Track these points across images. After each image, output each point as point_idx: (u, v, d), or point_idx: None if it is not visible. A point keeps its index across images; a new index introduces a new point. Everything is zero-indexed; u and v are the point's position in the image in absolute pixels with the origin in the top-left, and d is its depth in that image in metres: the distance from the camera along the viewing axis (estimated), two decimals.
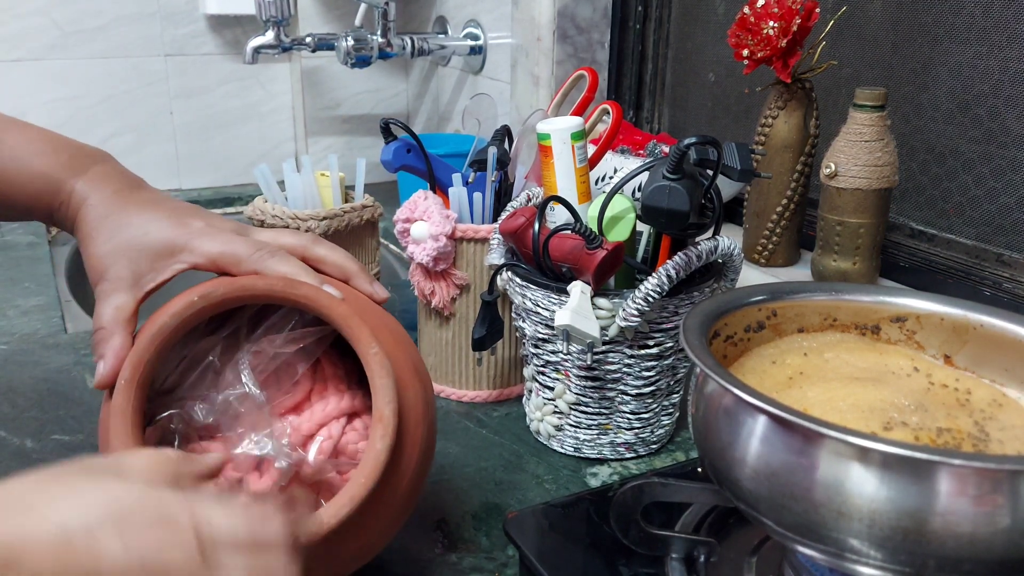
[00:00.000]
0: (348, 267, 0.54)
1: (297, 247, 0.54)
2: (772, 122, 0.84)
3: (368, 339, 0.47)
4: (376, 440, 0.45)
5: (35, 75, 1.38)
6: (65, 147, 0.57)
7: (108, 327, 0.50)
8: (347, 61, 1.36)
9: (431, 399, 0.53)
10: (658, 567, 0.52)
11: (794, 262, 0.91)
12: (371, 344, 0.47)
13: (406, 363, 0.51)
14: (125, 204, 0.54)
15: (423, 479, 0.52)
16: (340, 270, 0.54)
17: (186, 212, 0.54)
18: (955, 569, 0.39)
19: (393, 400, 0.46)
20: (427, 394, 0.52)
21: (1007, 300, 0.77)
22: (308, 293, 0.48)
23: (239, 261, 0.51)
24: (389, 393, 0.46)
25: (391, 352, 0.49)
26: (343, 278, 0.54)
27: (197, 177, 1.54)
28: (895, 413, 0.46)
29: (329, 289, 0.49)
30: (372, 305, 0.54)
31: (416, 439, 0.49)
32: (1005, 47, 0.76)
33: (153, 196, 0.56)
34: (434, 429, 0.53)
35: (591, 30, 1.18)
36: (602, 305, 0.63)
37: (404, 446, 0.48)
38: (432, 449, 0.53)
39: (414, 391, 0.50)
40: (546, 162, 0.69)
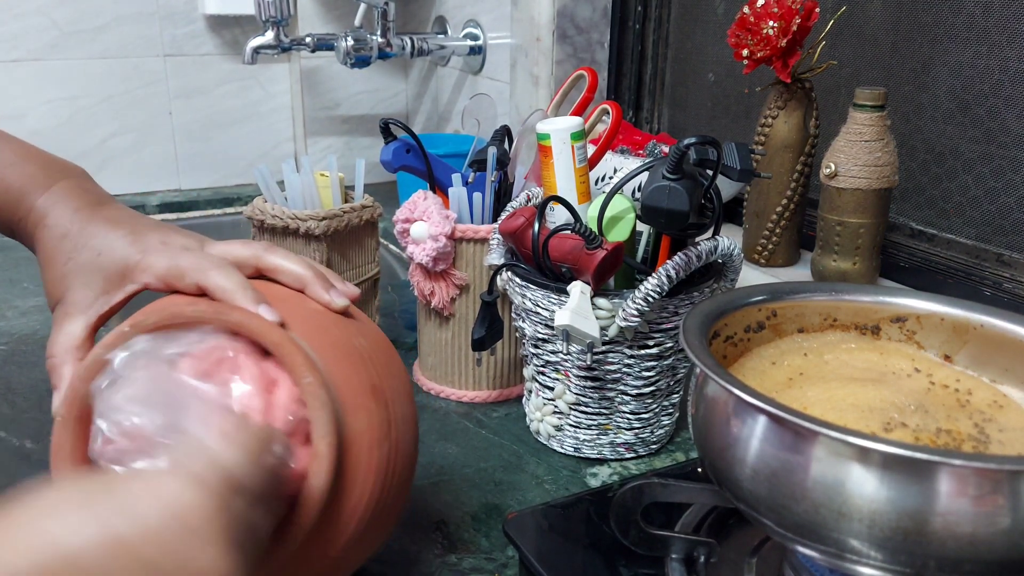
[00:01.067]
0: (302, 276, 0.51)
1: (248, 258, 0.51)
2: (772, 122, 0.84)
3: (301, 368, 0.43)
4: (312, 478, 0.42)
5: (35, 75, 1.38)
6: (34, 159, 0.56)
7: (59, 356, 0.49)
8: (346, 61, 1.36)
9: (398, 416, 0.49)
10: (658, 568, 0.52)
11: (794, 262, 0.90)
12: (303, 374, 0.43)
13: (360, 384, 0.47)
14: (84, 224, 0.52)
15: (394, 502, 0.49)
16: (295, 279, 0.51)
17: (145, 229, 0.52)
18: (955, 569, 0.39)
19: (329, 434, 0.42)
20: (391, 412, 0.48)
21: (1007, 300, 0.77)
22: (239, 319, 0.45)
23: (183, 275, 0.49)
24: (325, 427, 0.42)
25: (337, 375, 0.46)
26: (299, 287, 0.51)
27: (196, 177, 1.54)
28: (895, 413, 0.45)
29: (264, 310, 0.46)
30: (326, 320, 0.50)
31: (369, 468, 0.46)
32: (1005, 47, 0.76)
33: (114, 214, 0.54)
34: (408, 447, 0.50)
35: (591, 30, 1.18)
36: (602, 305, 0.63)
37: (351, 479, 0.45)
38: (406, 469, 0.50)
39: (367, 414, 0.46)
40: (546, 162, 0.69)
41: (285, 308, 0.48)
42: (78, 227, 0.52)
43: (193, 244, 0.52)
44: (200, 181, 1.54)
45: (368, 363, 0.49)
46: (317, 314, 0.50)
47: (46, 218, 0.53)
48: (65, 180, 0.55)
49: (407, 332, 0.96)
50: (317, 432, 0.43)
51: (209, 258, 0.49)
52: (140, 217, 0.55)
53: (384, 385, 0.49)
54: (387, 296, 1.07)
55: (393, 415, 0.48)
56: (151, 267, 0.50)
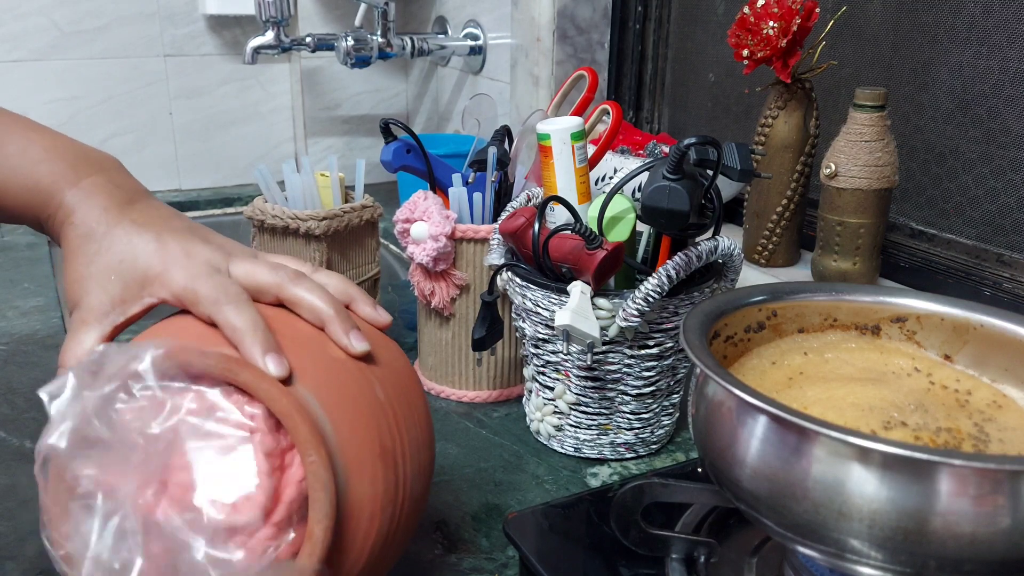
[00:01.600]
0: (323, 313, 0.48)
1: (271, 286, 0.49)
2: (772, 122, 0.84)
3: (305, 444, 0.42)
4: (303, 558, 0.42)
5: (35, 75, 1.38)
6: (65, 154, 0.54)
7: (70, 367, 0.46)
8: (347, 61, 1.36)
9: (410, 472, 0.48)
10: (658, 568, 0.52)
11: (794, 262, 0.90)
12: (308, 451, 0.42)
13: (370, 446, 0.46)
14: (110, 225, 0.50)
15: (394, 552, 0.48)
16: (315, 316, 0.49)
17: (171, 236, 0.50)
18: (956, 569, 0.39)
19: (326, 518, 0.42)
20: (402, 472, 0.47)
21: (1007, 300, 0.77)
22: (247, 380, 0.43)
23: (197, 302, 0.47)
24: (323, 509, 0.42)
25: (347, 438, 0.45)
26: (318, 325, 0.49)
27: (197, 178, 1.54)
28: (895, 413, 0.45)
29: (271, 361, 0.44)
30: (343, 370, 0.47)
31: (370, 532, 0.45)
32: (1005, 47, 0.76)
33: (142, 216, 0.51)
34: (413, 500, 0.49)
35: (591, 30, 1.18)
36: (602, 305, 0.63)
37: (347, 546, 0.44)
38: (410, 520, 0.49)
39: (372, 481, 0.45)
40: (546, 162, 0.69)
41: (301, 354, 0.46)
42: (104, 229, 0.50)
43: (218, 259, 0.50)
44: (200, 181, 1.55)
45: (385, 418, 0.47)
46: (336, 363, 0.47)
47: (72, 215, 0.51)
48: (96, 175, 0.53)
49: (407, 332, 0.96)
50: (314, 514, 0.42)
51: (226, 288, 0.47)
52: (171, 218, 0.52)
53: (397, 443, 0.47)
54: (387, 296, 1.07)
55: (403, 474, 0.47)
56: (169, 282, 0.48)
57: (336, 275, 0.53)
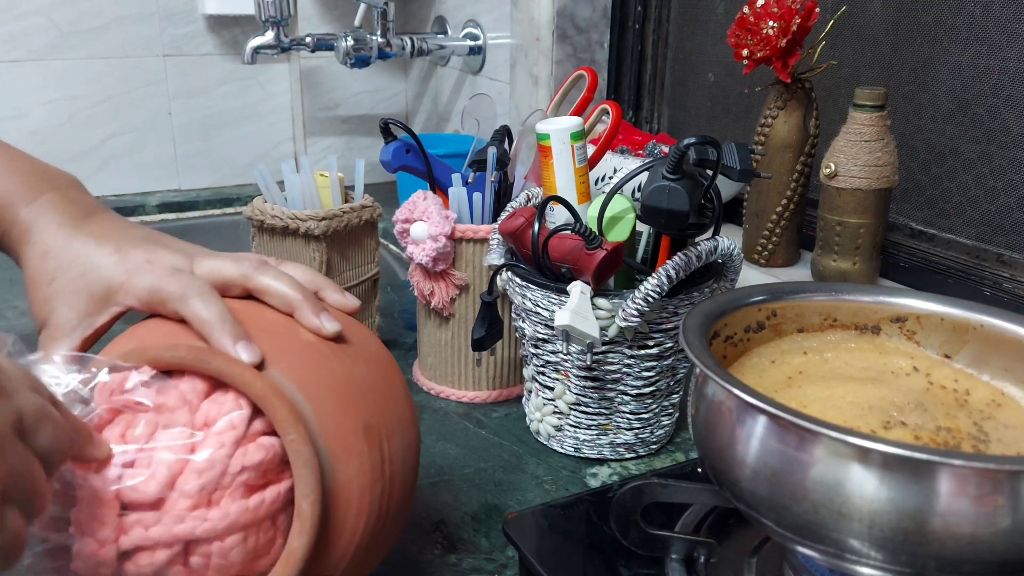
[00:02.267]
0: (291, 299, 0.48)
1: (236, 278, 0.49)
2: (772, 122, 0.84)
3: (284, 423, 0.42)
4: (293, 538, 0.42)
5: (35, 75, 1.38)
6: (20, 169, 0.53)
7: None
8: (346, 61, 1.36)
9: (395, 449, 0.48)
10: (658, 568, 0.52)
11: (794, 262, 0.90)
12: (287, 430, 0.42)
13: (352, 426, 0.45)
14: (68, 240, 0.50)
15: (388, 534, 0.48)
16: (284, 302, 0.49)
17: (131, 245, 0.50)
18: (956, 570, 0.39)
19: (313, 492, 0.42)
20: (386, 449, 0.47)
21: (1007, 300, 0.77)
22: (219, 367, 0.43)
23: (164, 301, 0.47)
24: (308, 485, 0.42)
25: (327, 419, 0.45)
26: (287, 311, 0.49)
27: (196, 177, 1.54)
28: (895, 412, 0.45)
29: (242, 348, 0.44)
30: (318, 352, 0.47)
31: (361, 510, 0.45)
32: (1005, 47, 0.76)
33: (100, 229, 0.51)
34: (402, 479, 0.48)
35: (590, 30, 1.18)
36: (602, 305, 0.63)
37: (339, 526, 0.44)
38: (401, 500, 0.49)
39: (358, 459, 0.45)
40: (545, 162, 0.69)
41: (273, 341, 0.46)
42: (61, 244, 0.50)
43: (181, 262, 0.50)
44: (200, 181, 1.54)
45: (364, 396, 0.47)
46: (308, 347, 0.47)
47: (29, 233, 0.51)
48: (51, 192, 0.52)
49: (407, 332, 0.96)
50: (300, 491, 0.42)
51: (192, 284, 0.47)
52: (128, 228, 0.52)
53: (380, 420, 0.47)
54: (387, 296, 1.07)
55: (388, 451, 0.47)
56: (134, 289, 0.48)
57: (301, 266, 0.53)
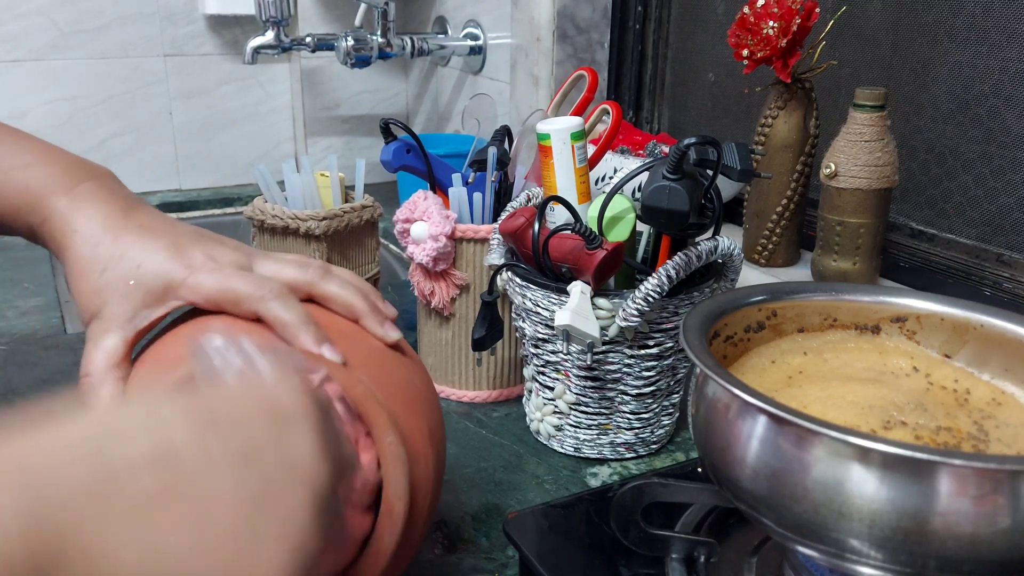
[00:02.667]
0: (357, 307, 0.50)
1: (302, 283, 0.49)
2: (772, 122, 0.84)
3: (384, 425, 0.43)
4: (384, 535, 0.43)
5: (35, 75, 1.38)
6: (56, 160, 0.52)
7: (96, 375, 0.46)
8: (347, 61, 1.36)
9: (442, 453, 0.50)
10: (658, 568, 0.52)
11: (794, 262, 0.90)
12: (386, 431, 0.43)
13: (420, 431, 0.47)
14: (118, 233, 0.49)
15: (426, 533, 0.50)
16: (348, 309, 0.50)
17: (186, 240, 0.50)
18: (956, 569, 0.39)
19: (405, 494, 0.43)
20: (439, 453, 0.49)
21: (1007, 300, 0.77)
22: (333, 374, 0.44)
23: (238, 301, 0.46)
24: (401, 487, 0.43)
25: (405, 424, 0.46)
26: (352, 318, 0.50)
27: (196, 177, 1.54)
28: (895, 412, 0.46)
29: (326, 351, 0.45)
30: (384, 357, 0.49)
31: (423, 514, 0.47)
32: (1005, 47, 0.76)
33: (149, 221, 0.51)
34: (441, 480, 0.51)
35: (591, 30, 1.18)
36: (602, 305, 0.63)
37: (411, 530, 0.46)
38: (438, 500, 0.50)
39: (425, 463, 0.47)
40: (546, 162, 0.69)
41: (348, 346, 0.47)
42: (112, 236, 0.49)
43: (242, 260, 0.49)
44: (200, 181, 1.54)
45: (425, 402, 0.49)
46: (377, 353, 0.49)
47: (73, 223, 0.49)
48: (90, 181, 0.51)
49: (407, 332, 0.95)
50: (393, 491, 0.43)
51: (266, 284, 0.47)
52: (176, 224, 0.52)
53: (437, 424, 0.49)
54: (387, 296, 1.07)
55: (441, 455, 0.49)
56: (199, 287, 0.47)
57: (346, 271, 0.53)
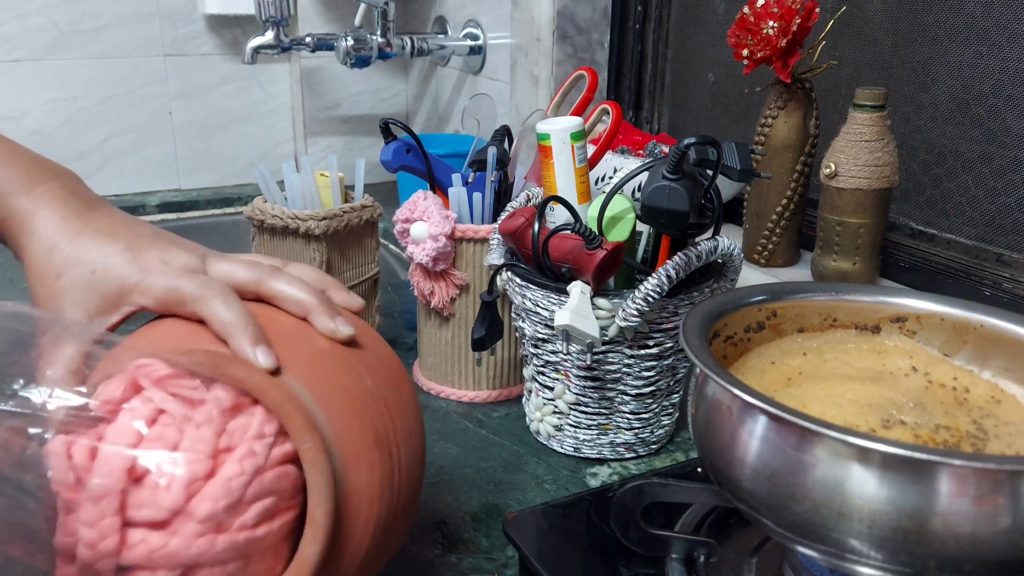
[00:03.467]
0: (307, 304, 0.49)
1: (249, 283, 0.49)
2: (772, 122, 0.84)
3: (300, 432, 0.42)
4: (305, 546, 0.42)
5: (35, 75, 1.38)
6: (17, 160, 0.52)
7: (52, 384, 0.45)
8: (346, 61, 1.36)
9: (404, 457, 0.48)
10: (658, 568, 0.52)
11: (794, 262, 0.90)
12: (303, 439, 0.42)
13: (364, 435, 0.46)
14: (75, 236, 0.49)
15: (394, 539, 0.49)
16: (299, 307, 0.49)
17: (142, 244, 0.49)
18: (956, 569, 0.39)
19: (327, 501, 0.42)
20: (396, 458, 0.47)
21: (1007, 300, 0.77)
22: (237, 374, 0.43)
23: (183, 302, 0.46)
24: (322, 493, 0.42)
25: (341, 429, 0.45)
26: (301, 315, 0.49)
27: (196, 177, 1.54)
28: (894, 410, 0.46)
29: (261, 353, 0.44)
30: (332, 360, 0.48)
31: (368, 523, 0.45)
32: (1005, 47, 0.76)
33: (106, 224, 0.50)
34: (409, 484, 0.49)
35: (591, 30, 1.18)
36: (602, 305, 0.63)
37: (347, 539, 0.44)
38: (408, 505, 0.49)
39: (369, 468, 0.45)
40: (546, 162, 0.69)
41: (287, 347, 0.46)
42: (68, 239, 0.49)
43: (194, 262, 0.49)
44: (200, 181, 1.54)
45: (376, 405, 0.47)
46: (322, 354, 0.48)
47: (31, 224, 0.49)
48: (51, 182, 0.51)
49: (407, 332, 0.96)
50: (314, 500, 0.42)
51: (210, 285, 0.47)
52: (134, 225, 0.51)
53: (390, 429, 0.47)
54: (387, 296, 1.07)
55: (398, 460, 0.47)
56: (150, 289, 0.47)
57: (307, 266, 0.53)
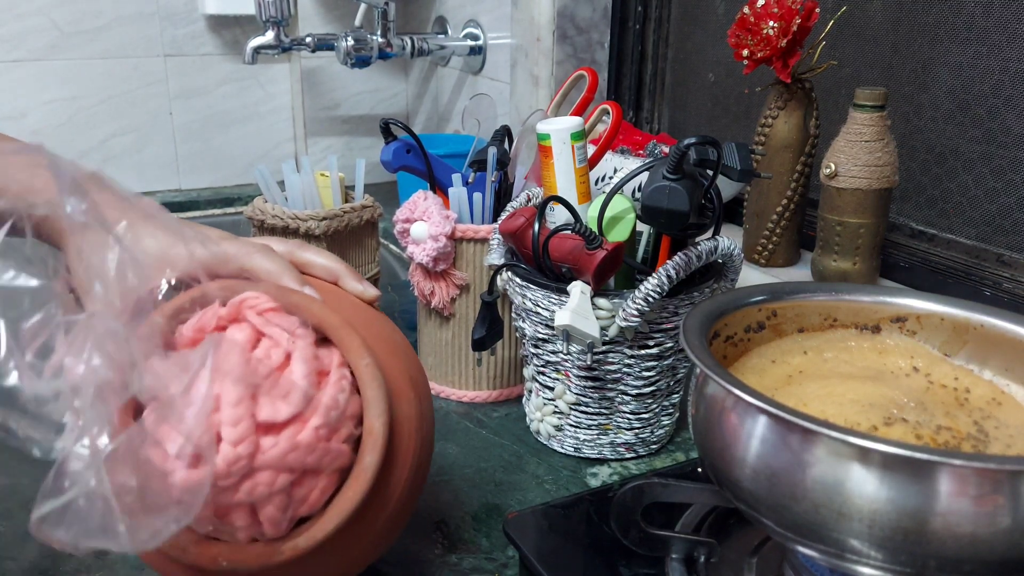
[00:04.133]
0: (336, 269, 0.55)
1: (284, 252, 0.54)
2: (772, 122, 0.84)
3: (359, 349, 0.45)
4: (365, 455, 0.44)
5: (35, 75, 1.38)
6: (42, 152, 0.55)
7: None
8: (347, 61, 1.36)
9: (428, 410, 0.52)
10: (658, 568, 0.52)
11: (794, 262, 0.90)
12: (362, 355, 0.45)
13: (401, 373, 0.50)
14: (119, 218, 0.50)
15: (418, 492, 0.51)
16: (328, 272, 0.55)
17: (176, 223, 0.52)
18: (956, 569, 0.39)
19: (384, 413, 0.44)
20: (422, 405, 0.51)
21: (1007, 300, 0.77)
22: (298, 301, 0.47)
23: (227, 260, 0.51)
24: (380, 406, 0.45)
25: (384, 362, 0.48)
26: (331, 280, 0.55)
27: (197, 177, 1.54)
28: (895, 409, 0.46)
29: (308, 291, 0.49)
30: (365, 311, 0.53)
31: (408, 452, 0.48)
32: (1005, 47, 0.76)
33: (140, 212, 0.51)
34: (430, 441, 0.52)
35: (591, 30, 1.18)
36: (602, 305, 0.63)
37: (395, 460, 0.47)
38: (427, 462, 0.52)
39: (408, 403, 0.49)
40: (546, 162, 0.69)
41: (330, 298, 0.51)
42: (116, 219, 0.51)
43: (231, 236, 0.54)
44: (200, 181, 1.54)
45: (406, 354, 0.52)
46: (357, 306, 0.53)
47: None
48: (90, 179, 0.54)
49: (407, 332, 0.95)
50: (372, 411, 0.44)
51: (251, 243, 0.52)
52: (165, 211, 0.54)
53: (417, 375, 0.52)
54: (387, 296, 1.07)
55: (425, 406, 0.51)
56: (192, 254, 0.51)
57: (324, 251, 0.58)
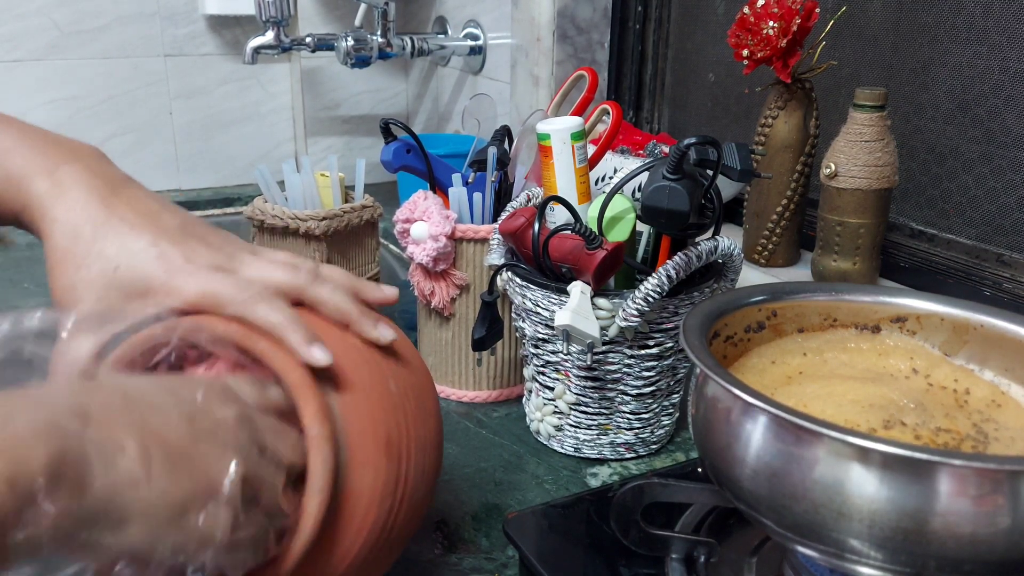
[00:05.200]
0: (348, 312, 0.48)
1: (292, 289, 0.48)
2: (772, 122, 0.84)
3: (312, 418, 0.42)
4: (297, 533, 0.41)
5: (35, 75, 1.38)
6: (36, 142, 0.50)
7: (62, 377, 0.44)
8: (347, 61, 1.36)
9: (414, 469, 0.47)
10: (658, 568, 0.52)
11: (794, 262, 0.90)
12: (312, 424, 0.42)
13: (376, 437, 0.45)
14: (97, 224, 0.46)
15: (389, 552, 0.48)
16: (339, 314, 0.48)
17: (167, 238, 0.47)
18: (956, 569, 0.39)
19: (322, 491, 0.41)
20: (404, 467, 0.46)
21: (1007, 300, 0.77)
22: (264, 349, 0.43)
23: (221, 304, 0.45)
24: (320, 482, 0.41)
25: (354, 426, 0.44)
26: (343, 321, 0.48)
27: (197, 177, 1.54)
28: (895, 411, 0.46)
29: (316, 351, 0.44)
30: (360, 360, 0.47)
31: (365, 523, 0.44)
32: (1005, 47, 0.76)
33: (133, 211, 0.48)
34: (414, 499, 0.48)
35: (591, 30, 1.18)
36: (602, 305, 0.63)
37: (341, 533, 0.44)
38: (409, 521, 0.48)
39: (374, 471, 0.45)
40: (546, 162, 0.69)
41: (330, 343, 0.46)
42: (91, 228, 0.46)
43: (221, 260, 0.47)
44: (200, 181, 1.54)
45: (395, 412, 0.47)
46: (353, 350, 0.48)
47: (52, 210, 0.47)
48: (72, 163, 0.49)
49: (407, 332, 0.95)
50: (311, 487, 0.42)
51: (251, 287, 0.45)
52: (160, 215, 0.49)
53: (404, 436, 0.47)
54: None
55: (406, 469, 0.47)
56: (179, 291, 0.45)
57: (337, 269, 0.52)
